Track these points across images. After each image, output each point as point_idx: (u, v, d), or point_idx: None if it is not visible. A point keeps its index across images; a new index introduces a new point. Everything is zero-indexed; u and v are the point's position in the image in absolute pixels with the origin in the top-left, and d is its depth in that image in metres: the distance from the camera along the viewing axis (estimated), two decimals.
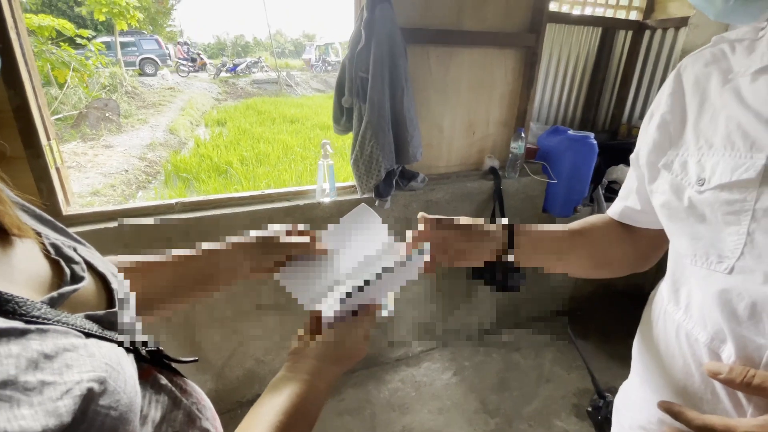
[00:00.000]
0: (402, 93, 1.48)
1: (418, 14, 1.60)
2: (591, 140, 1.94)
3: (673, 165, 0.53)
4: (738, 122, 0.46)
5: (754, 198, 0.43)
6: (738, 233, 0.45)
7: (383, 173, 1.46)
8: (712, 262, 0.48)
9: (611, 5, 2.56)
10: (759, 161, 0.43)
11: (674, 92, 0.55)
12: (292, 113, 9.73)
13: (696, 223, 0.49)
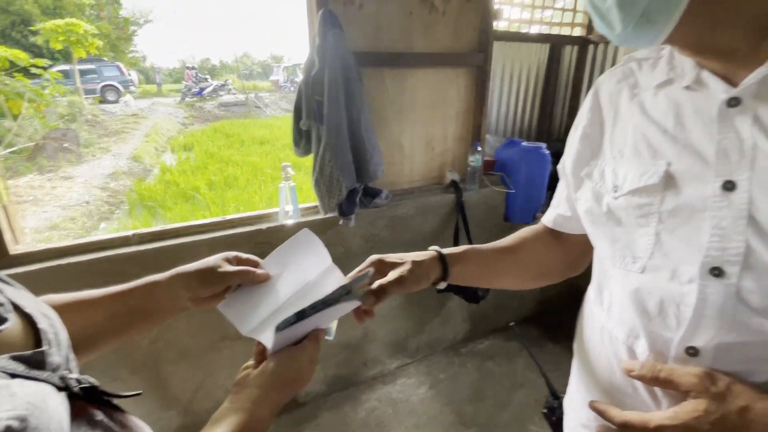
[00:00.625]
0: (359, 114, 1.52)
1: (370, 39, 1.66)
2: (543, 150, 2.03)
3: (593, 174, 0.57)
4: (643, 133, 0.51)
5: (659, 201, 0.48)
6: (648, 234, 0.48)
7: (345, 192, 1.48)
8: (627, 263, 0.51)
9: (556, 23, 2.72)
10: (661, 168, 0.47)
11: (593, 107, 0.59)
12: (261, 134, 9.68)
13: (614, 226, 0.53)
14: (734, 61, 0.43)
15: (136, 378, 1.50)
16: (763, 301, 0.40)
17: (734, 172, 0.42)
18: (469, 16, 1.85)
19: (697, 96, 0.46)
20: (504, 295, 2.33)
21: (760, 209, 0.40)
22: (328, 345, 1.87)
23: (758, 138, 0.41)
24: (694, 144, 0.45)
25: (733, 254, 0.42)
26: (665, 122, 0.48)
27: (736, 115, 0.42)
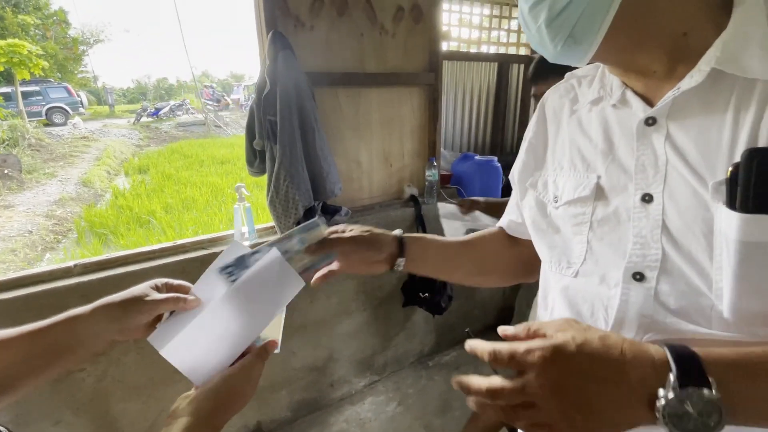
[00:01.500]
0: (313, 133, 1.53)
1: (322, 60, 1.69)
2: (495, 163, 2.12)
3: (537, 184, 0.60)
4: (578, 147, 0.54)
5: (591, 211, 0.51)
6: (581, 242, 0.52)
7: (301, 211, 1.48)
8: (563, 268, 0.54)
9: (503, 43, 2.89)
10: (592, 180, 0.51)
11: (538, 120, 0.63)
12: (222, 154, 9.46)
13: (553, 234, 0.56)
14: (653, 82, 0.46)
15: (81, 419, 1.39)
16: (677, 302, 0.43)
17: (651, 185, 0.45)
18: (418, 37, 1.93)
19: (621, 114, 0.49)
20: (467, 305, 2.38)
21: (673, 220, 0.44)
22: (292, 369, 1.82)
23: (670, 155, 0.44)
24: (620, 159, 0.49)
25: (651, 260, 0.45)
26: (597, 138, 0.52)
27: (653, 133, 0.45)
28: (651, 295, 0.45)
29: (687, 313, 0.43)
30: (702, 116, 0.42)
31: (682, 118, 0.43)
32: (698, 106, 0.42)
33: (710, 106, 0.41)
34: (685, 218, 0.43)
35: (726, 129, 0.40)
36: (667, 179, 0.44)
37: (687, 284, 0.43)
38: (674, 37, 0.42)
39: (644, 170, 0.46)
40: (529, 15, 0.44)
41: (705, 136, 0.42)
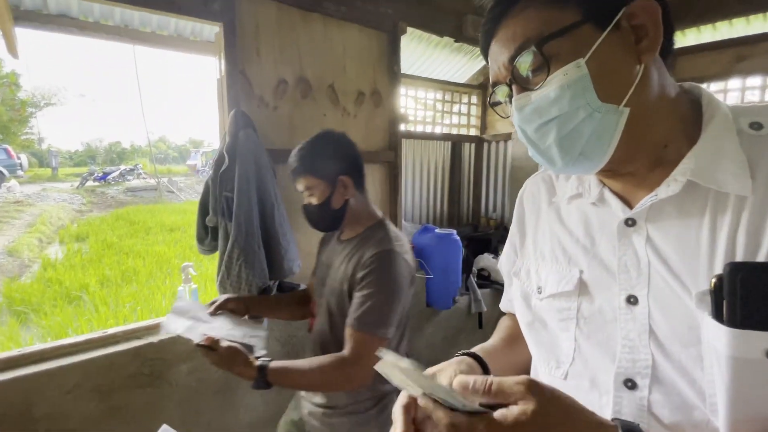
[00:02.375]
0: (272, 209, 1.49)
1: (285, 137, 1.70)
2: (454, 236, 2.16)
3: (521, 272, 0.59)
4: (559, 239, 0.54)
5: (576, 307, 0.49)
6: (569, 339, 0.50)
7: (255, 292, 1.37)
8: (552, 368, 0.52)
9: (455, 125, 3.12)
10: (575, 275, 0.50)
11: (518, 209, 0.64)
12: (172, 220, 9.03)
13: (540, 329, 0.54)
14: (630, 183, 0.47)
15: None
16: (671, 415, 0.41)
17: (635, 287, 0.45)
18: (378, 119, 2.03)
19: (601, 212, 0.50)
20: None
21: (659, 324, 0.42)
22: None
23: (652, 257, 0.44)
24: (601, 255, 0.48)
25: (642, 366, 0.43)
26: (577, 232, 0.52)
27: (633, 234, 0.46)
28: (644, 406, 0.43)
29: (682, 429, 0.40)
30: (679, 222, 0.43)
31: (661, 222, 0.44)
32: (675, 212, 0.43)
33: (687, 214, 0.43)
34: (672, 325, 0.42)
35: (704, 237, 0.41)
36: (651, 282, 0.44)
37: (680, 395, 0.41)
38: (657, 148, 0.45)
39: (627, 271, 0.45)
40: (535, 134, 0.46)
41: (684, 242, 0.42)
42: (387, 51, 2.00)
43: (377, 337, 0.97)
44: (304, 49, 1.73)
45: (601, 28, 0.41)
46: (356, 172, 1.14)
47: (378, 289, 0.99)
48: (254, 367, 0.97)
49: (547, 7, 0.43)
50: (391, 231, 1.12)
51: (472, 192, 3.12)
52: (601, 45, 0.41)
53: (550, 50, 0.42)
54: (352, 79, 1.90)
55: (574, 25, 0.41)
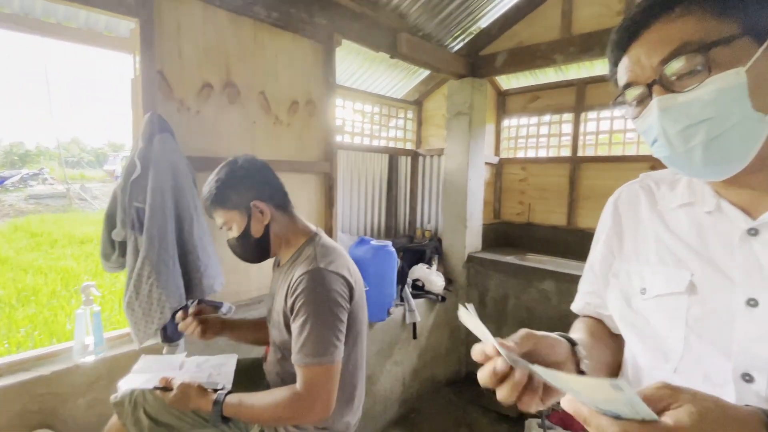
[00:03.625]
0: (191, 221, 1.37)
1: (209, 144, 1.59)
2: (389, 248, 2.17)
3: (620, 274, 0.62)
4: (666, 244, 0.56)
5: (686, 307, 0.52)
6: (678, 337, 0.52)
7: (168, 314, 1.24)
8: (660, 362, 0.54)
9: (392, 138, 3.17)
10: (686, 277, 0.52)
11: (613, 215, 0.66)
12: (83, 232, 8.07)
13: (644, 326, 0.56)
14: (751, 196, 0.51)
15: None
16: None
17: (756, 290, 0.47)
18: (313, 129, 1.98)
19: (717, 221, 0.53)
20: (368, 402, 2.20)
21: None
22: None
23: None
24: (716, 260, 0.51)
25: (761, 363, 0.46)
26: (688, 237, 0.54)
27: (754, 242, 0.49)
28: (762, 396, 0.45)
29: None
30: None
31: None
32: None
33: None
34: None
35: None
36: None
37: None
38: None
39: (749, 276, 0.48)
40: (679, 135, 0.48)
41: None
42: (322, 61, 1.98)
43: (324, 366, 0.94)
44: (232, 52, 1.64)
45: (758, 42, 0.44)
46: (272, 194, 1.10)
47: (310, 314, 0.95)
48: (210, 401, 0.97)
49: (708, 17, 0.45)
50: (320, 246, 1.07)
51: (408, 204, 3.18)
52: (759, 57, 0.44)
53: (713, 56, 0.44)
54: (285, 87, 1.84)
55: (737, 35, 0.44)
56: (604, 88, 2.72)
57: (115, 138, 54.70)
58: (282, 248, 1.13)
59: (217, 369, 1.14)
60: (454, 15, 2.38)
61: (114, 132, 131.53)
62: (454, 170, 2.76)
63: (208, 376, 1.10)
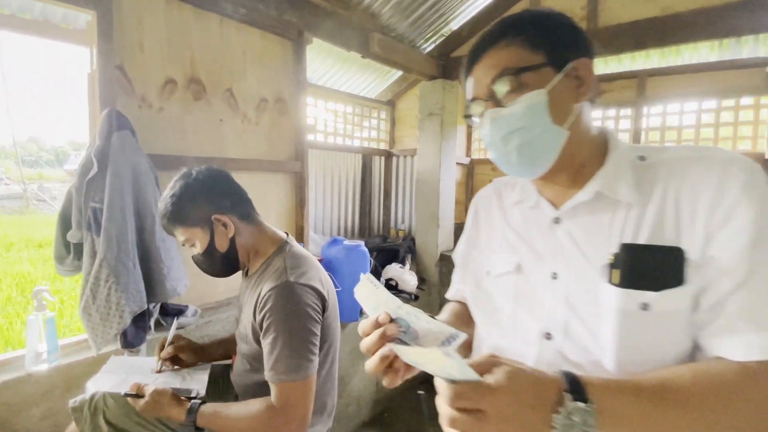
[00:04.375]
0: (153, 223, 1.32)
1: (172, 143, 1.54)
2: (362, 248, 2.16)
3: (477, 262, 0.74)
4: (505, 234, 0.70)
5: (513, 284, 0.65)
6: (507, 309, 0.65)
7: (128, 318, 1.19)
8: (493, 329, 0.67)
9: (365, 138, 3.17)
10: (515, 259, 0.65)
11: (473, 212, 0.79)
12: (41, 234, 7.66)
13: (487, 303, 0.69)
14: (558, 192, 0.63)
15: None
16: (576, 357, 0.57)
17: (557, 266, 0.60)
18: (283, 127, 1.96)
19: (536, 213, 0.66)
20: (340, 403, 2.19)
21: (572, 293, 0.58)
22: None
23: (569, 244, 0.60)
24: (535, 245, 0.64)
25: (558, 324, 0.58)
26: (518, 228, 0.68)
27: (557, 228, 0.62)
28: (557, 350, 0.58)
29: (583, 366, 0.56)
30: (590, 219, 0.59)
31: (577, 219, 0.60)
32: (587, 212, 0.60)
33: (595, 213, 0.59)
34: (581, 292, 0.57)
35: (605, 229, 0.57)
36: (568, 262, 0.59)
37: (582, 344, 0.56)
38: (578, 166, 0.61)
39: (553, 255, 0.61)
40: (501, 140, 0.59)
41: (592, 233, 0.58)
42: (293, 59, 1.96)
43: (298, 382, 0.93)
44: (197, 48, 1.60)
45: (557, 71, 0.57)
46: (233, 205, 1.05)
47: (280, 331, 0.93)
48: (184, 408, 0.95)
49: (524, 49, 0.57)
50: (290, 258, 1.04)
51: (382, 204, 3.18)
52: (556, 83, 0.56)
53: (523, 79, 0.56)
54: (254, 85, 1.81)
55: (542, 64, 0.57)
56: None
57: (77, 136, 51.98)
58: (251, 258, 1.09)
59: (191, 374, 1.11)
60: (426, 16, 2.40)
61: (75, 130, 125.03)
62: (426, 170, 2.79)
63: (182, 380, 1.06)
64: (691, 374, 0.47)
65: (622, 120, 2.68)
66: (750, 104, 2.32)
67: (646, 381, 0.47)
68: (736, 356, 0.47)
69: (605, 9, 2.22)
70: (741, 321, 0.48)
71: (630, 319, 0.51)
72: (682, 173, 0.54)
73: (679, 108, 2.49)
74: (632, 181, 0.56)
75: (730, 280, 0.48)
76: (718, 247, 0.49)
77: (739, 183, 0.50)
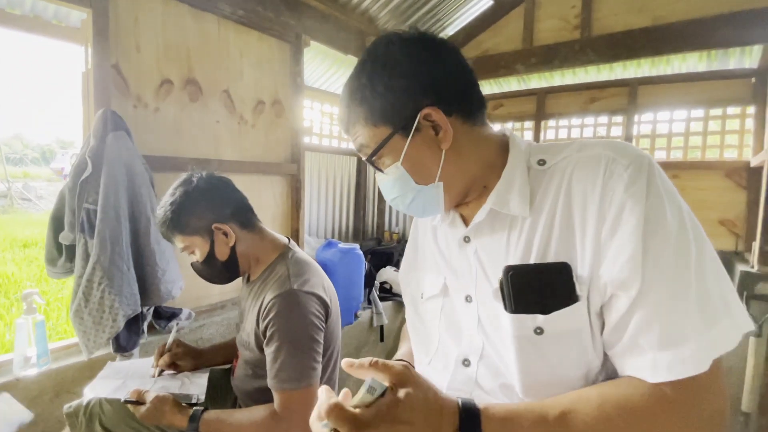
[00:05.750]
0: (148, 224, 1.30)
1: (168, 144, 1.53)
2: (357, 251, 2.16)
3: (411, 283, 0.71)
4: (433, 253, 0.66)
5: (440, 307, 0.62)
6: (435, 335, 0.62)
7: (122, 322, 1.17)
8: (422, 357, 0.65)
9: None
10: (441, 281, 0.62)
11: (413, 232, 0.76)
12: (26, 234, 7.48)
13: (421, 327, 0.66)
14: (470, 209, 0.60)
15: None
16: (490, 383, 0.54)
17: (469, 288, 0.57)
18: (280, 129, 1.95)
19: (453, 232, 0.62)
20: None
21: (483, 317, 0.56)
22: None
23: (477, 265, 0.57)
24: (453, 265, 0.61)
25: (475, 349, 0.56)
26: (443, 247, 0.65)
27: (467, 247, 0.59)
28: (473, 378, 0.56)
29: (495, 392, 0.54)
30: (491, 237, 0.56)
31: (481, 238, 0.58)
32: (488, 230, 0.57)
33: (494, 231, 0.56)
34: (488, 315, 0.55)
35: (503, 247, 0.54)
36: (477, 284, 0.57)
37: (496, 368, 0.54)
38: (479, 187, 0.59)
39: (464, 276, 0.59)
40: (392, 202, 0.60)
41: (493, 252, 0.56)
42: (290, 62, 1.95)
43: (301, 390, 0.92)
44: (194, 49, 1.58)
45: (406, 135, 0.54)
46: (234, 213, 1.04)
47: (284, 341, 0.92)
48: (186, 415, 0.94)
49: (367, 126, 0.56)
50: (293, 264, 1.03)
51: (376, 206, 3.18)
52: (409, 147, 0.55)
53: (380, 158, 0.56)
54: (251, 87, 1.80)
55: (388, 137, 0.55)
56: (564, 97, 2.86)
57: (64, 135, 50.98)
58: (252, 265, 1.08)
59: (190, 378, 1.10)
60: (423, 21, 2.42)
61: (63, 128, 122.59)
62: None
63: (181, 385, 1.05)
64: (598, 399, 0.44)
65: (614, 127, 2.73)
66: (737, 114, 2.38)
67: (551, 409, 0.45)
68: (644, 376, 0.44)
69: (599, 18, 2.26)
70: (643, 340, 0.44)
71: (527, 344, 0.48)
72: (574, 177, 0.50)
73: (669, 116, 2.55)
74: (525, 193, 0.53)
75: (626, 296, 0.44)
76: (610, 259, 0.45)
77: (623, 184, 0.46)
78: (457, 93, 0.55)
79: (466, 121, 0.56)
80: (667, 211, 0.45)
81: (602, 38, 2.18)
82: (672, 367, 0.42)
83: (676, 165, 2.48)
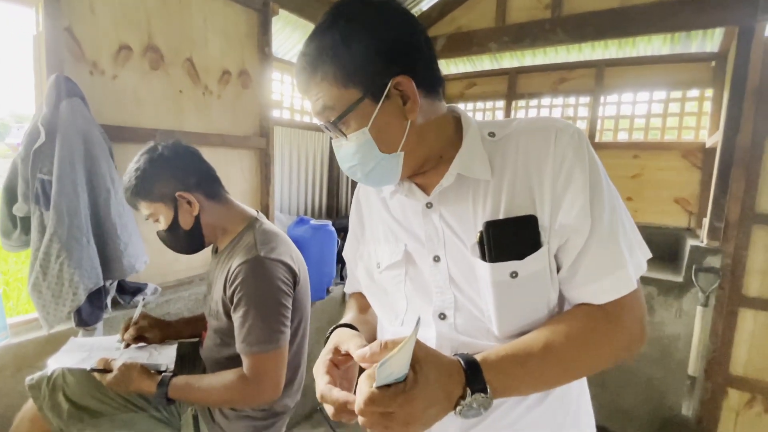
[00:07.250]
0: (108, 196, 1.27)
1: (127, 113, 1.47)
2: (329, 227, 2.17)
3: (363, 255, 0.74)
4: (388, 224, 0.69)
5: (404, 272, 0.66)
6: (402, 297, 0.66)
7: (82, 295, 1.15)
8: (391, 319, 0.68)
9: None
10: (401, 248, 0.66)
11: (355, 207, 0.78)
12: None
13: (383, 295, 0.70)
14: (426, 179, 0.63)
15: None
16: (469, 330, 0.60)
17: (437, 249, 0.62)
18: (247, 102, 1.90)
19: (411, 200, 0.65)
20: (306, 379, 2.23)
21: (455, 273, 0.61)
22: None
23: (444, 228, 0.62)
24: (415, 231, 0.65)
25: (448, 303, 0.61)
26: (399, 217, 0.68)
27: (431, 213, 0.63)
28: (453, 328, 0.61)
29: (475, 336, 0.60)
30: (457, 201, 0.61)
31: (446, 202, 0.62)
32: (454, 195, 0.61)
33: (460, 195, 0.61)
34: (462, 271, 0.60)
35: (470, 208, 0.60)
36: (446, 245, 0.61)
37: (472, 316, 0.60)
38: (436, 157, 0.63)
39: (431, 239, 0.63)
40: (348, 171, 0.61)
41: (461, 214, 0.60)
42: (258, 30, 1.89)
43: (270, 353, 0.95)
44: (153, 13, 1.51)
45: (376, 101, 0.55)
46: (199, 183, 1.03)
47: (252, 304, 0.94)
48: (155, 381, 0.95)
49: (336, 86, 0.55)
50: (261, 233, 1.04)
51: (350, 184, 3.17)
52: (378, 114, 0.55)
53: (345, 122, 0.56)
54: (216, 56, 1.74)
55: (358, 101, 0.55)
56: (535, 77, 2.90)
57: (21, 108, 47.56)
58: (218, 236, 1.08)
59: (158, 349, 1.10)
60: None
61: (19, 101, 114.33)
62: None
63: (149, 356, 1.05)
64: (566, 328, 0.55)
65: (581, 108, 2.80)
66: (695, 96, 2.49)
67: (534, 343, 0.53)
68: (598, 300, 0.56)
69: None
70: (596, 270, 0.55)
71: (504, 288, 0.56)
72: (527, 145, 0.58)
73: (633, 98, 2.63)
74: (485, 159, 0.59)
75: (580, 237, 0.55)
76: (565, 209, 0.55)
77: (572, 149, 0.56)
78: (425, 66, 0.58)
79: (428, 94, 0.59)
80: (600, 172, 0.57)
81: (572, 18, 2.20)
82: (615, 287, 0.55)
83: (636, 145, 2.59)
